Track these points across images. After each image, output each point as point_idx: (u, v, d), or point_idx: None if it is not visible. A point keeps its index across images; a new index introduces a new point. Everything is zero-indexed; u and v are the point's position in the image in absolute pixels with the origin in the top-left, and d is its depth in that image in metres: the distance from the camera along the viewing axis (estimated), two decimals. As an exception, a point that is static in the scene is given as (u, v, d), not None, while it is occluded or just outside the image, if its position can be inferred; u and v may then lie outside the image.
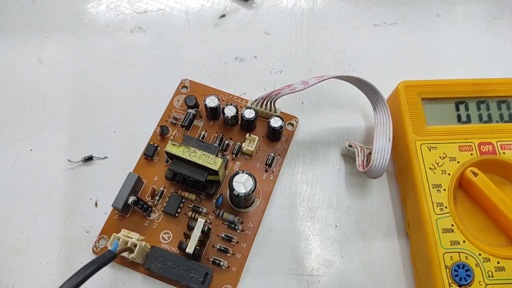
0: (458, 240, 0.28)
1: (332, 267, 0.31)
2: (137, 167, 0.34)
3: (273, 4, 0.42)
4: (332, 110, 0.37)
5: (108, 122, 0.36)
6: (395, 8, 0.42)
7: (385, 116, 0.32)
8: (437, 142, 0.31)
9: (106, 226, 0.32)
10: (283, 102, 0.36)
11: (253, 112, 0.33)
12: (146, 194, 0.33)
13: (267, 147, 0.35)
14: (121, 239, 0.29)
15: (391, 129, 0.32)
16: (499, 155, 0.31)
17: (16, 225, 0.32)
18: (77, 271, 0.23)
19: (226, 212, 0.32)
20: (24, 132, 0.36)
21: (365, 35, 0.41)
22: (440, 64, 0.39)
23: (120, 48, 0.39)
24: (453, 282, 0.27)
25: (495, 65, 0.39)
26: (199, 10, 0.42)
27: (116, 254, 0.25)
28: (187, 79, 0.37)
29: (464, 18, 0.42)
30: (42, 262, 0.31)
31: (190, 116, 0.35)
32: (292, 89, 0.32)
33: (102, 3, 0.42)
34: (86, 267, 0.23)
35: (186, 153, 0.30)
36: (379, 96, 0.33)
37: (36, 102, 0.37)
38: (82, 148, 0.35)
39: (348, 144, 0.34)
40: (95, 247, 0.31)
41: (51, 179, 0.34)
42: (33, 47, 0.39)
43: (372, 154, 0.31)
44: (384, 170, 0.31)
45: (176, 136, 0.35)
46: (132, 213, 0.32)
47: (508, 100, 0.33)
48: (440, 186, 0.30)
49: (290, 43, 0.40)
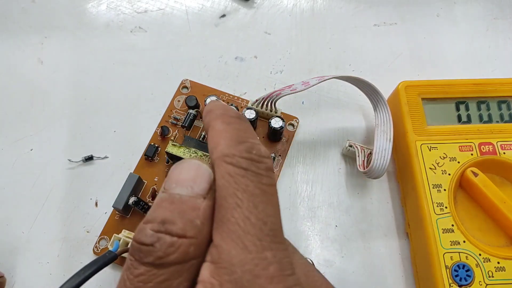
0: (458, 240, 0.28)
1: (332, 267, 0.31)
2: (138, 168, 0.34)
3: (274, 4, 0.42)
4: (333, 110, 0.37)
5: (108, 122, 0.36)
6: (395, 8, 0.42)
7: (385, 116, 0.32)
8: (438, 142, 0.31)
9: (107, 226, 0.32)
10: (284, 102, 0.36)
11: (253, 113, 0.33)
12: (147, 194, 0.33)
13: (267, 147, 0.35)
14: (122, 239, 0.29)
15: (391, 130, 0.32)
16: (500, 155, 0.31)
17: (16, 225, 0.32)
18: (77, 272, 0.23)
19: (226, 212, 0.32)
20: (24, 132, 0.36)
21: (365, 35, 0.41)
22: (440, 64, 0.39)
23: (120, 48, 0.39)
24: (453, 282, 0.27)
25: (496, 65, 0.39)
26: (199, 10, 0.42)
27: (116, 255, 0.25)
28: (188, 80, 0.37)
29: (464, 18, 0.42)
30: (42, 262, 0.31)
31: (190, 117, 0.35)
32: (292, 90, 0.32)
33: (102, 3, 0.42)
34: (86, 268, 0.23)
35: (187, 153, 0.30)
36: (380, 96, 0.33)
37: (36, 102, 0.37)
38: (82, 148, 0.35)
39: (348, 144, 0.34)
40: (95, 247, 0.31)
41: (51, 179, 0.34)
42: (33, 47, 0.39)
43: (372, 154, 0.31)
44: (385, 170, 0.31)
45: (176, 136, 0.35)
46: (132, 213, 0.32)
47: (508, 100, 0.33)
48: (440, 186, 0.30)
49: (290, 43, 0.40)
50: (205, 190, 0.16)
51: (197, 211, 0.15)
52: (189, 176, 0.16)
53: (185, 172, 0.16)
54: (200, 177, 0.16)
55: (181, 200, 0.15)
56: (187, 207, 0.15)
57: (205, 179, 0.16)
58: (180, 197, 0.15)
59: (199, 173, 0.16)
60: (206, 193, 0.16)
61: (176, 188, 0.15)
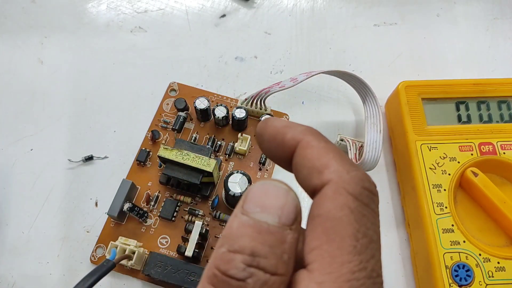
0: (458, 240, 0.28)
1: (332, 267, 0.31)
2: (130, 173, 0.33)
3: (274, 4, 0.42)
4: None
5: (108, 122, 0.36)
6: (395, 8, 0.42)
7: (374, 108, 0.33)
8: (438, 142, 0.31)
9: (103, 234, 0.31)
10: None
11: (243, 112, 0.33)
12: (141, 200, 0.32)
13: (259, 146, 0.35)
14: (118, 247, 0.28)
15: (381, 121, 0.32)
16: (499, 155, 0.31)
17: (16, 225, 0.32)
18: (76, 284, 0.22)
19: (223, 213, 0.32)
20: (24, 132, 0.36)
21: (365, 35, 0.41)
22: (440, 64, 0.39)
23: (120, 48, 0.39)
24: (453, 282, 0.27)
25: (495, 65, 0.39)
26: (200, 10, 0.42)
27: (114, 263, 0.25)
28: (175, 82, 0.37)
29: (464, 18, 0.42)
30: (42, 262, 0.31)
31: (180, 119, 0.34)
32: (281, 87, 0.32)
33: (103, 3, 0.42)
34: (86, 279, 0.23)
35: (179, 156, 0.30)
36: (368, 89, 0.33)
37: (36, 102, 0.37)
38: (82, 148, 0.35)
39: (339, 138, 0.34)
40: (92, 256, 0.31)
41: (51, 179, 0.34)
42: (33, 47, 0.39)
43: (364, 147, 0.32)
44: (377, 162, 0.31)
45: (167, 140, 0.35)
46: (128, 220, 0.32)
47: (508, 100, 0.33)
48: (440, 186, 0.30)
49: (290, 43, 0.40)
50: (292, 220, 0.14)
51: (284, 244, 0.13)
52: (277, 203, 0.14)
53: (273, 197, 0.14)
54: (288, 205, 0.14)
55: (269, 231, 0.13)
56: (275, 239, 0.13)
57: (292, 208, 0.14)
58: (268, 227, 0.13)
59: (288, 200, 0.14)
60: (292, 223, 0.14)
61: (261, 214, 0.14)
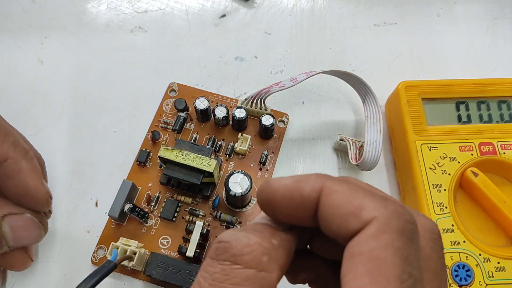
0: (458, 240, 0.28)
1: (332, 267, 0.31)
2: (131, 174, 0.33)
3: (274, 4, 0.42)
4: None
5: (108, 122, 0.36)
6: (395, 8, 0.42)
7: (374, 108, 0.33)
8: (438, 142, 0.31)
9: (103, 235, 0.31)
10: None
11: (243, 112, 0.33)
12: (142, 200, 0.32)
13: (259, 145, 0.35)
14: (120, 247, 0.28)
15: (381, 121, 0.32)
16: (500, 155, 0.31)
17: (16, 225, 0.32)
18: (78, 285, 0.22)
19: (224, 213, 0.32)
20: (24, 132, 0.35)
21: (365, 35, 0.41)
22: (440, 64, 0.39)
23: (120, 48, 0.39)
24: (453, 282, 0.27)
25: (495, 65, 0.39)
26: (200, 10, 0.42)
27: (116, 264, 0.25)
28: (175, 83, 0.37)
29: (465, 18, 0.42)
30: (42, 262, 0.31)
31: (180, 120, 0.34)
32: (281, 86, 0.32)
33: (103, 3, 0.42)
34: (87, 281, 0.23)
35: (180, 156, 0.30)
36: (368, 89, 0.33)
37: (36, 102, 0.37)
38: (82, 148, 0.35)
39: (339, 138, 0.34)
40: (93, 257, 0.31)
41: (51, 179, 0.34)
42: (33, 47, 0.39)
43: (364, 146, 0.32)
44: (377, 161, 0.31)
45: (168, 140, 0.35)
46: (129, 220, 0.32)
47: (508, 100, 0.33)
48: (440, 186, 0.30)
49: (290, 43, 0.40)
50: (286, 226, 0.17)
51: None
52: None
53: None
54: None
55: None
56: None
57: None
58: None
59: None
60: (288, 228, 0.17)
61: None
